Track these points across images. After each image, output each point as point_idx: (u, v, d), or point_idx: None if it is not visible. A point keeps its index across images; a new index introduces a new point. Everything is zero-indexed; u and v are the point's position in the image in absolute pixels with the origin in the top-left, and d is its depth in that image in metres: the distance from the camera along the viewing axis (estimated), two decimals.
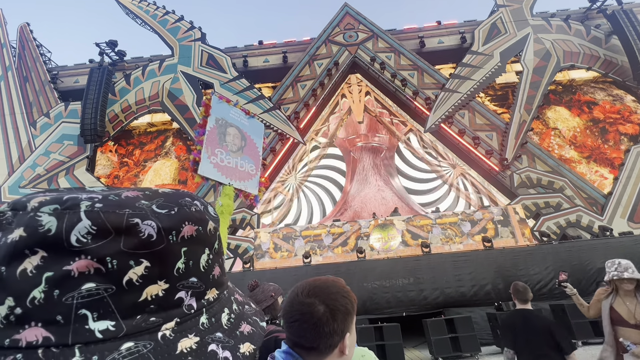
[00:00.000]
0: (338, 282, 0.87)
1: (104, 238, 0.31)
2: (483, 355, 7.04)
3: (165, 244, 0.35)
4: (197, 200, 0.42)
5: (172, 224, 0.36)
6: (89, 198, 0.33)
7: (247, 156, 3.08)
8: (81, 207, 0.31)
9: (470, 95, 14.24)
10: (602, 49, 14.97)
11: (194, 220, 0.38)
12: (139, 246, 0.33)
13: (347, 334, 0.79)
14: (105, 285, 0.31)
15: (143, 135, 15.62)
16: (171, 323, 0.35)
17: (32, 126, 14.83)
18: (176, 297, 0.36)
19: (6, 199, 13.54)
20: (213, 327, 0.39)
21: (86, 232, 0.31)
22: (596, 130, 14.03)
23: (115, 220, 0.32)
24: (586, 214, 11.72)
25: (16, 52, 16.04)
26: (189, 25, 16.10)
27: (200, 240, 0.39)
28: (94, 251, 0.31)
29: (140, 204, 0.35)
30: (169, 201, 0.38)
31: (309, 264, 9.61)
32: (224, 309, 0.43)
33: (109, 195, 0.34)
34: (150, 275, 0.34)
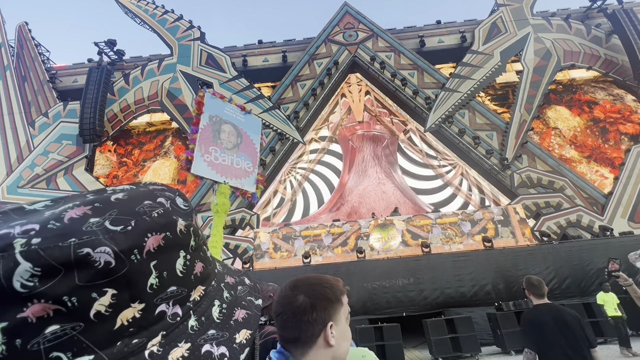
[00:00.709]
0: (324, 277, 0.86)
1: (53, 277, 0.28)
2: (483, 356, 7.00)
3: (128, 266, 0.32)
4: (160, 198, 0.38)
5: (130, 242, 0.32)
6: (24, 232, 0.29)
7: (244, 153, 3.02)
8: (15, 248, 0.28)
9: (471, 94, 14.20)
10: (603, 49, 14.93)
11: (158, 229, 0.35)
12: (97, 277, 0.30)
13: (329, 323, 0.77)
14: (71, 324, 0.29)
15: (142, 134, 15.58)
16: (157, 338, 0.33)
17: (30, 126, 14.78)
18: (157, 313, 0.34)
19: (5, 199, 13.49)
20: (204, 326, 0.38)
21: (29, 275, 0.27)
22: (596, 129, 14.00)
23: (60, 256, 0.28)
24: (586, 214, 11.69)
25: (14, 51, 15.99)
26: (188, 24, 16.05)
27: (170, 247, 0.36)
28: (45, 293, 0.28)
29: (88, 226, 0.31)
30: (123, 212, 0.34)
31: (308, 264, 9.57)
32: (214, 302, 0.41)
33: (48, 223, 0.30)
34: (119, 302, 0.31)
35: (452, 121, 13.81)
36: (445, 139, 13.87)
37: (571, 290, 8.15)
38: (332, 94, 15.54)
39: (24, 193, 13.53)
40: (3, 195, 13.54)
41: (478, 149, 13.24)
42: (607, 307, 6.55)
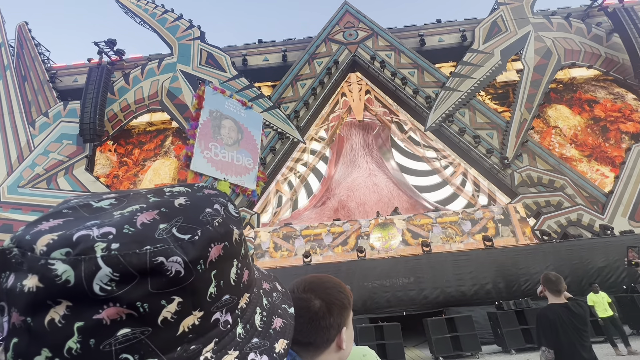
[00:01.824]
0: (333, 278, 0.86)
1: (128, 283, 0.30)
2: (484, 355, 7.00)
3: (194, 276, 0.33)
4: (217, 205, 0.40)
5: (197, 253, 0.34)
6: (103, 236, 0.30)
7: (244, 149, 2.99)
8: (97, 252, 0.29)
9: (471, 93, 14.19)
10: (603, 47, 14.91)
11: (219, 239, 0.37)
12: (168, 285, 0.32)
13: (343, 328, 0.79)
14: (140, 328, 0.31)
15: (142, 134, 15.58)
16: (210, 345, 0.35)
17: (31, 126, 14.78)
18: (212, 320, 0.36)
19: (5, 198, 13.50)
20: (249, 334, 0.39)
21: (108, 279, 0.29)
22: (597, 128, 13.98)
23: (138, 263, 0.30)
24: (587, 213, 11.68)
25: (14, 51, 15.99)
26: (188, 23, 16.05)
27: (227, 257, 0.38)
28: (121, 298, 0.30)
29: (159, 234, 0.33)
30: (189, 220, 0.35)
31: (309, 263, 9.57)
32: (256, 309, 0.43)
33: (123, 227, 0.32)
34: (184, 310, 0.33)
35: (452, 120, 13.80)
36: (446, 138, 13.86)
37: (572, 289, 8.10)
38: (332, 93, 15.53)
39: (25, 193, 13.54)
40: (4, 195, 13.55)
41: (478, 148, 13.23)
42: (598, 308, 6.53)
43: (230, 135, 2.98)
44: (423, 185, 12.86)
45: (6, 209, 13.25)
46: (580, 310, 2.34)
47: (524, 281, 8.23)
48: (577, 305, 2.36)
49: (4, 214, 13.14)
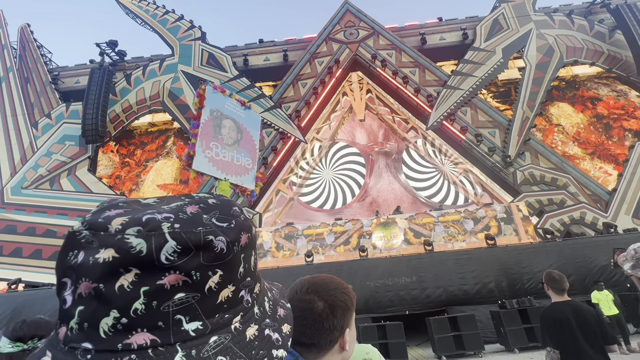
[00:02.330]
0: (336, 279, 0.86)
1: (187, 255, 0.36)
2: (487, 354, 6.98)
3: (232, 255, 0.41)
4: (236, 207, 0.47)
5: (235, 236, 0.41)
6: (166, 218, 0.37)
7: (244, 149, 3.00)
8: (164, 229, 0.36)
9: (473, 92, 14.14)
10: (606, 44, 14.82)
11: (246, 229, 0.44)
12: (214, 259, 0.38)
13: (346, 329, 0.79)
14: (192, 294, 0.37)
15: (144, 135, 15.63)
16: (238, 317, 0.42)
17: (33, 127, 14.86)
18: (239, 296, 0.43)
19: (9, 200, 13.58)
20: (263, 315, 0.46)
21: (173, 251, 0.36)
22: (600, 126, 13.90)
23: (195, 239, 0.37)
24: (590, 211, 11.62)
25: (17, 53, 16.07)
26: (189, 24, 16.08)
27: (250, 245, 0.45)
28: (181, 267, 0.36)
29: (206, 220, 0.40)
30: (224, 213, 0.43)
31: (311, 263, 9.57)
32: (265, 298, 0.49)
33: (179, 214, 0.39)
34: (223, 282, 0.40)
35: (454, 119, 13.76)
36: (447, 136, 13.82)
37: (575, 288, 8.09)
38: (334, 92, 15.52)
39: (28, 194, 13.61)
40: (7, 196, 13.63)
41: (480, 146, 13.19)
42: (602, 306, 6.50)
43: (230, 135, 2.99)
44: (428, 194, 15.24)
45: (10, 210, 13.33)
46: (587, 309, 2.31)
47: (527, 280, 8.20)
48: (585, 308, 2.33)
49: (7, 215, 13.22)
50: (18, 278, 10.43)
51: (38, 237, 12.79)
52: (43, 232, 12.85)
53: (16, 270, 11.96)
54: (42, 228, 12.92)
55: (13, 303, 8.59)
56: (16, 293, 9.34)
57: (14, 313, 8.29)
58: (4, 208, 13.38)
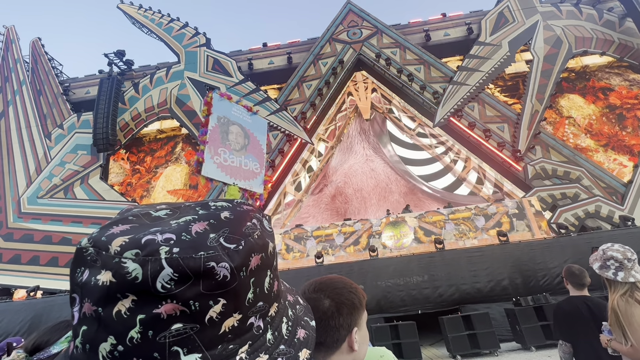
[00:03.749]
0: (345, 279, 0.86)
1: (185, 283, 0.34)
2: (502, 352, 6.87)
3: (238, 281, 0.37)
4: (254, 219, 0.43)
5: (241, 261, 0.38)
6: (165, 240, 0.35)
7: (251, 154, 3.05)
8: (161, 254, 0.34)
9: (480, 87, 13.95)
10: (616, 33, 14.45)
11: (258, 250, 0.41)
12: (216, 287, 0.36)
13: (354, 328, 0.78)
14: (191, 324, 0.34)
15: (153, 142, 15.87)
16: (245, 347, 0.39)
17: (47, 138, 15.24)
18: (248, 324, 0.40)
19: (25, 209, 13.95)
20: (277, 341, 0.42)
21: (169, 279, 0.33)
22: (613, 117, 13.56)
23: (194, 266, 0.34)
24: (605, 204, 11.33)
25: (29, 66, 16.53)
26: (193, 31, 16.29)
27: (264, 267, 0.42)
28: (178, 296, 0.33)
29: (210, 241, 0.37)
30: (234, 232, 0.39)
31: (321, 264, 9.57)
32: (283, 319, 0.46)
33: (182, 234, 0.36)
34: (227, 311, 0.37)
35: (461, 115, 13.60)
36: (455, 133, 13.67)
37: (592, 284, 7.88)
38: (339, 93, 15.51)
39: (44, 203, 13.96)
40: (24, 206, 14.00)
41: (489, 142, 13.00)
42: None
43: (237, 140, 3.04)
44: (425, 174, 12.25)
45: (27, 219, 13.70)
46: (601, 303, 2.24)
47: (541, 276, 8.04)
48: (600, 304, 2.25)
49: (24, 224, 13.59)
50: (36, 285, 10.71)
51: (54, 245, 13.12)
52: (59, 240, 13.17)
53: (34, 278, 12.28)
54: (58, 236, 13.24)
55: (32, 310, 8.82)
56: (35, 300, 9.58)
57: (34, 320, 8.51)
58: (21, 218, 13.76)
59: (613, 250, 1.93)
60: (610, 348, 1.88)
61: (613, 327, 1.84)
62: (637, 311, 1.75)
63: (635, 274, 1.84)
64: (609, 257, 1.93)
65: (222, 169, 2.79)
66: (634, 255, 1.89)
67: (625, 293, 1.82)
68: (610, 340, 1.88)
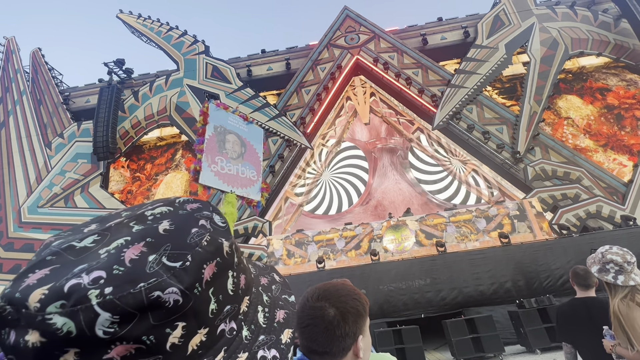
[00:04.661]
0: (348, 285, 0.86)
1: (130, 321, 0.30)
2: (507, 355, 6.81)
3: (193, 300, 0.34)
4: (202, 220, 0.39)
5: (192, 278, 0.34)
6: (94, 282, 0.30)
7: (248, 162, 3.07)
8: (92, 300, 0.29)
9: (477, 89, 14.02)
10: (612, 34, 14.55)
11: (210, 257, 0.37)
12: (169, 315, 0.32)
13: (359, 336, 0.78)
14: (151, 357, 0.31)
15: (153, 149, 15.91)
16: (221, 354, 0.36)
17: (47, 147, 15.29)
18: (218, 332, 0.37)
19: (26, 219, 13.94)
20: (255, 333, 0.41)
21: (109, 322, 0.29)
22: (611, 117, 13.59)
23: (135, 302, 0.30)
24: (606, 204, 11.31)
25: (30, 76, 16.63)
26: (192, 39, 16.42)
27: (222, 271, 0.38)
28: (126, 336, 0.30)
29: (150, 267, 0.33)
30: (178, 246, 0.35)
31: (323, 269, 9.53)
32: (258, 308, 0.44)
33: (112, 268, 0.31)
34: (189, 331, 0.34)
35: (460, 117, 13.64)
36: (455, 135, 13.70)
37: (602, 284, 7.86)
38: (337, 98, 15.58)
39: (44, 212, 13.95)
40: (24, 216, 13.99)
41: (488, 144, 13.02)
42: None
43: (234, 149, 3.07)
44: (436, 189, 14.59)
45: (27, 229, 13.68)
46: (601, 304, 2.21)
47: (544, 278, 8.00)
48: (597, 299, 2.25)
49: (25, 233, 13.57)
50: None
51: None
52: None
53: None
54: None
55: None
56: None
57: None
58: (21, 227, 13.73)
59: (612, 254, 1.91)
60: (615, 353, 1.86)
61: (617, 332, 1.81)
62: (639, 314, 1.73)
63: (635, 277, 1.83)
64: (608, 260, 1.91)
65: (219, 177, 2.81)
66: (633, 258, 1.88)
67: (626, 297, 1.80)
68: (614, 345, 1.86)
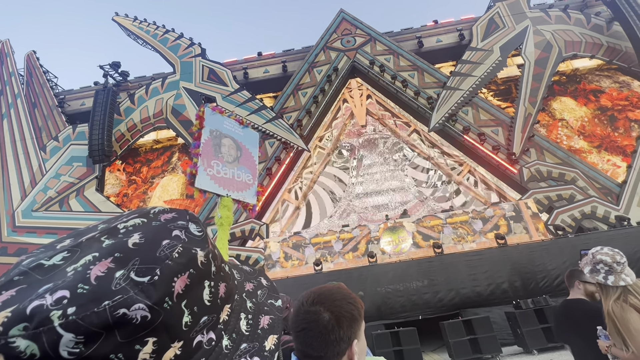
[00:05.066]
0: (343, 289, 0.85)
1: (96, 341, 0.29)
2: (504, 356, 6.82)
3: (163, 314, 0.33)
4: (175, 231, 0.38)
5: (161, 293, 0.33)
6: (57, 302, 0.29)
7: (244, 166, 3.07)
8: (54, 321, 0.29)
9: (473, 91, 14.12)
10: (605, 36, 14.75)
11: (182, 269, 0.36)
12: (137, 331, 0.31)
13: (354, 340, 0.77)
14: None
15: (149, 152, 15.84)
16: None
17: (42, 150, 15.16)
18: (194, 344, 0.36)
19: (20, 223, 13.79)
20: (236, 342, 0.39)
21: (74, 343, 0.29)
22: (605, 118, 13.75)
23: (99, 321, 0.30)
24: (601, 205, 11.41)
25: (24, 79, 16.51)
26: (189, 42, 16.40)
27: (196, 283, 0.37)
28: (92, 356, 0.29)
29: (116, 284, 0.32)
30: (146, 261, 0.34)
31: (320, 271, 9.52)
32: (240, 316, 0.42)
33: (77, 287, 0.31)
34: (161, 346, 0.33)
35: (455, 119, 13.73)
36: (450, 137, 13.78)
37: None
38: (334, 100, 15.62)
39: (39, 216, 13.81)
40: (18, 220, 13.84)
41: (484, 145, 13.11)
42: None
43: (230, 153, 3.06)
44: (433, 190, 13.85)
45: (21, 233, 13.52)
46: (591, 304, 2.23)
47: (541, 278, 8.04)
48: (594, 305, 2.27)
49: (19, 238, 13.41)
50: None
51: None
52: None
53: None
54: None
55: None
56: None
57: None
58: (15, 231, 13.58)
59: (602, 254, 1.94)
60: (611, 354, 1.87)
61: (612, 334, 1.83)
62: (633, 316, 1.75)
63: (626, 277, 1.84)
64: (598, 260, 1.94)
65: (215, 180, 2.80)
66: (623, 259, 1.90)
67: (619, 298, 1.82)
68: (609, 346, 1.87)
